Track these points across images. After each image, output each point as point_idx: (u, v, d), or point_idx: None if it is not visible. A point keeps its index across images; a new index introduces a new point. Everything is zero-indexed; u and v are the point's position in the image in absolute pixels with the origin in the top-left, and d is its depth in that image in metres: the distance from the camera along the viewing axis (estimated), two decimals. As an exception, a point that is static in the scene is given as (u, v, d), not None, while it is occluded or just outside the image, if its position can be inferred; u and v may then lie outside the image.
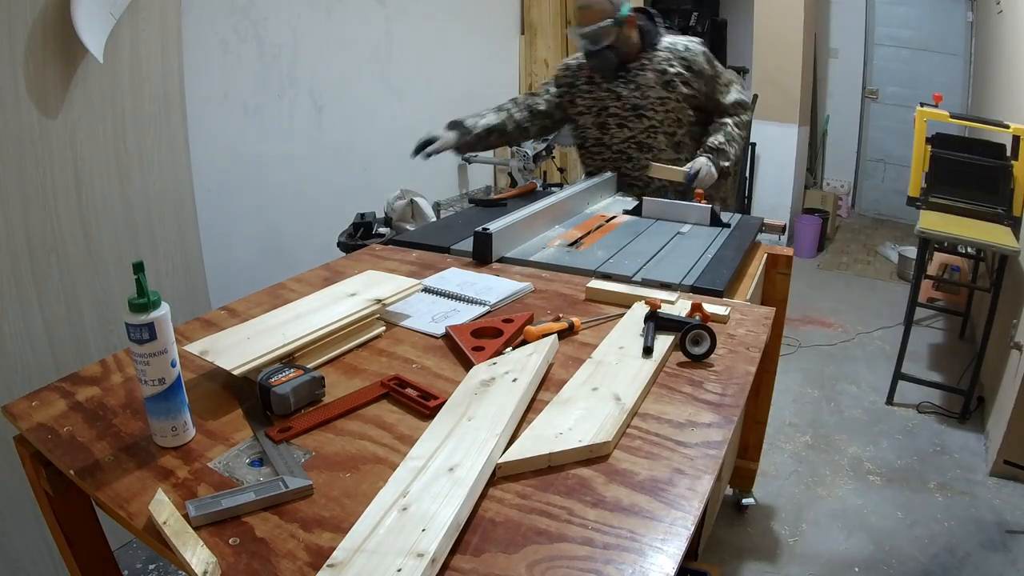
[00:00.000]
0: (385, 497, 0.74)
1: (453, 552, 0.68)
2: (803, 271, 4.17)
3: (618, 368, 1.01)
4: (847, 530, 2.02)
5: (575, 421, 0.88)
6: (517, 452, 0.82)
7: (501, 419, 0.87)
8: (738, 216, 1.86)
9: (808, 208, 4.85)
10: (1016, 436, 2.17)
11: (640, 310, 1.20)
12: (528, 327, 1.12)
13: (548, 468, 0.81)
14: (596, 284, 1.33)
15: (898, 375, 2.73)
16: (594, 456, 0.83)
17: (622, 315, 1.21)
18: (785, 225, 1.93)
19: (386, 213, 2.18)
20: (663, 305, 1.19)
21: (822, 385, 2.88)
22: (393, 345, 1.12)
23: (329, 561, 0.65)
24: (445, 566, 0.67)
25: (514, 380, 0.96)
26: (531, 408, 0.94)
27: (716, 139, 2.00)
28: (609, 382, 0.98)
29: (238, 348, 0.99)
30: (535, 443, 0.84)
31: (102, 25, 1.59)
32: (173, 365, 0.83)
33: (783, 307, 1.75)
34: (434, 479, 0.76)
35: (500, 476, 0.80)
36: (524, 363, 1.00)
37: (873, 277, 4.21)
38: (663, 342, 1.09)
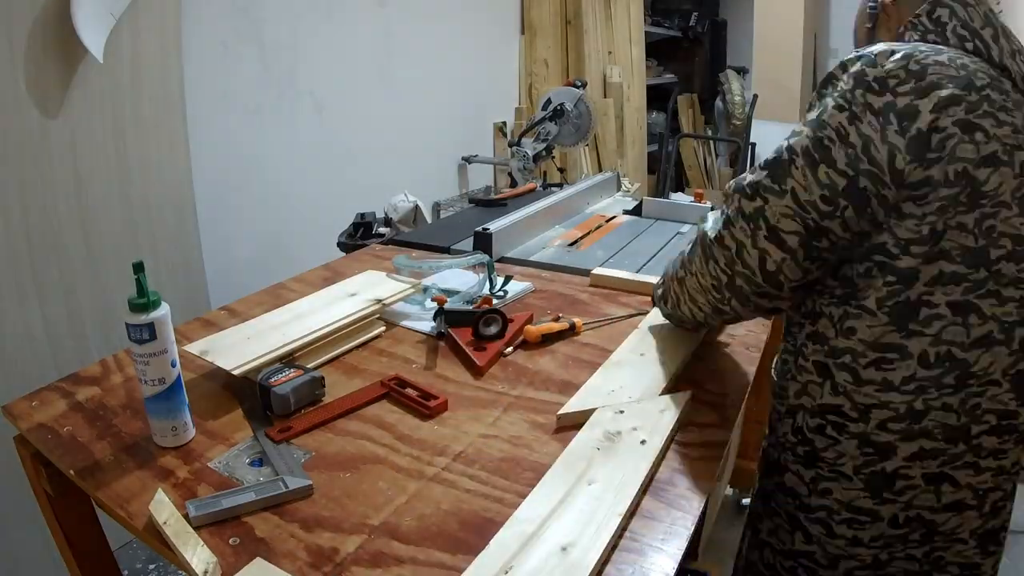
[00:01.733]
0: (486, 564, 0.65)
1: (454, 553, 0.68)
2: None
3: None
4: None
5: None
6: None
7: (626, 493, 0.74)
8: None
9: (808, 208, 4.84)
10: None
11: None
12: (528, 327, 1.12)
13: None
14: (601, 271, 1.34)
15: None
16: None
17: (625, 317, 1.21)
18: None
19: (386, 213, 2.17)
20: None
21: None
22: (393, 345, 1.12)
23: None
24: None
25: (642, 441, 0.83)
26: (538, 411, 0.94)
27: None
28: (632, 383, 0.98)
29: (238, 348, 0.99)
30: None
31: (102, 25, 1.58)
32: (173, 365, 0.83)
33: (783, 307, 1.74)
34: (544, 560, 0.65)
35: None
36: (656, 421, 0.87)
37: (873, 277, 4.20)
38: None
